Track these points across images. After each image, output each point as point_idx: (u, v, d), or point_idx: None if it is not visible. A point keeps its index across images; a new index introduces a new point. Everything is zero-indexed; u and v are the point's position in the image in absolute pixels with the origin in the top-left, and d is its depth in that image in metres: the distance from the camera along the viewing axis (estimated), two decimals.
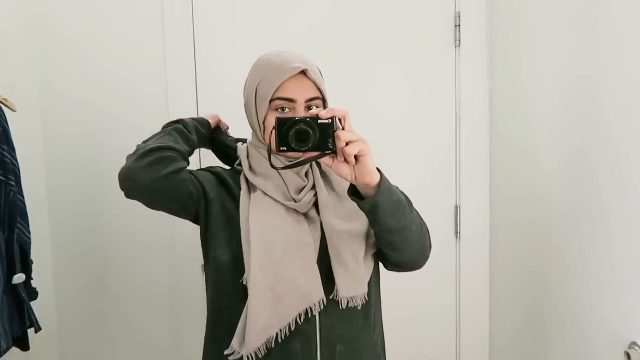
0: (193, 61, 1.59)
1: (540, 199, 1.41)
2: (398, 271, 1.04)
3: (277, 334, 0.92)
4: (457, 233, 1.74)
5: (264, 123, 1.00)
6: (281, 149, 0.86)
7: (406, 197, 0.94)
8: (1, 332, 1.15)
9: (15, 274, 1.22)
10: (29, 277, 1.33)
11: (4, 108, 1.30)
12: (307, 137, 0.83)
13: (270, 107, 0.98)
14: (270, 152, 0.93)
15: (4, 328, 1.17)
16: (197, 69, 1.60)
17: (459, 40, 1.67)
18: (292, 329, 0.93)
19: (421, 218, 0.99)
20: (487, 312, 1.76)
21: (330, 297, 0.95)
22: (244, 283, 0.95)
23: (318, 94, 1.00)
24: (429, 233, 1.01)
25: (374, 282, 1.04)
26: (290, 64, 0.97)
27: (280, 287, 0.93)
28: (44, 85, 1.59)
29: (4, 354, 1.16)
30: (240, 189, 1.03)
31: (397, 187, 0.93)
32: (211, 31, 1.60)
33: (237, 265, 0.96)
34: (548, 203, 1.37)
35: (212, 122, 1.19)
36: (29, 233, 1.31)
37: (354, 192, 0.89)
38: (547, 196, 1.38)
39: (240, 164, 1.08)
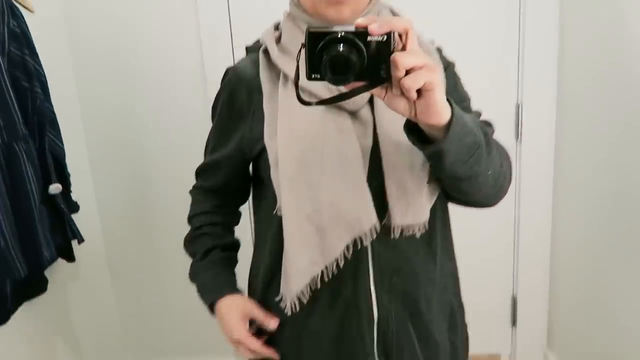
0: None
1: (626, 92, 1.21)
2: (461, 205, 0.82)
3: (322, 271, 0.75)
4: (517, 134, 1.58)
5: None
6: (312, 76, 0.59)
7: (484, 133, 0.68)
8: (43, 242, 1.13)
9: (51, 184, 1.18)
10: (67, 189, 1.30)
11: (22, 9, 1.21)
12: (347, 67, 0.57)
13: None
14: (297, 83, 0.65)
15: (46, 238, 1.16)
16: None
17: None
18: (340, 264, 0.75)
19: (502, 152, 0.75)
20: (549, 224, 1.63)
21: (382, 223, 0.74)
22: (278, 214, 0.76)
23: None
24: (510, 169, 0.78)
25: (440, 206, 0.81)
26: None
27: (320, 216, 0.73)
28: None
29: (49, 264, 1.15)
30: (261, 92, 0.78)
31: (474, 117, 0.68)
32: None
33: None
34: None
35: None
36: (62, 143, 1.27)
37: (411, 128, 0.64)
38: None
39: (266, 49, 0.79)
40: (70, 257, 1.31)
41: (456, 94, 0.81)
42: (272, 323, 0.81)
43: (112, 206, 1.63)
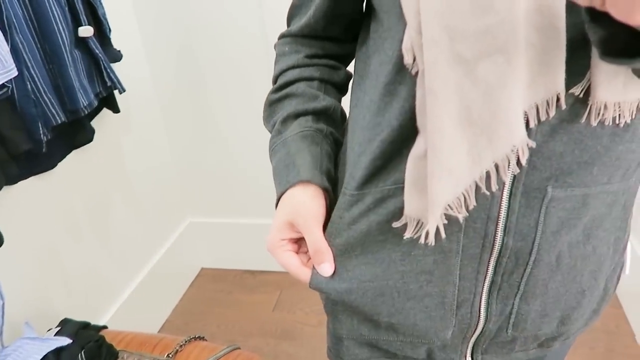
0: None
1: None
2: None
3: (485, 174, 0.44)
4: None
5: None
6: None
7: None
8: (78, 88, 1.10)
9: (81, 26, 1.11)
10: (104, 36, 1.23)
11: None
12: None
13: None
14: None
15: (82, 84, 1.12)
16: None
17: None
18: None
19: None
20: None
21: (577, 94, 0.42)
22: (405, 61, 0.43)
23: None
24: None
25: None
26: None
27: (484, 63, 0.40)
28: None
29: (85, 110, 1.12)
30: None
31: None
32: None
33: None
34: None
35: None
36: None
37: (595, 16, 0.34)
38: None
39: None
40: (114, 107, 1.28)
41: None
42: (324, 266, 0.52)
43: (161, 58, 1.57)
